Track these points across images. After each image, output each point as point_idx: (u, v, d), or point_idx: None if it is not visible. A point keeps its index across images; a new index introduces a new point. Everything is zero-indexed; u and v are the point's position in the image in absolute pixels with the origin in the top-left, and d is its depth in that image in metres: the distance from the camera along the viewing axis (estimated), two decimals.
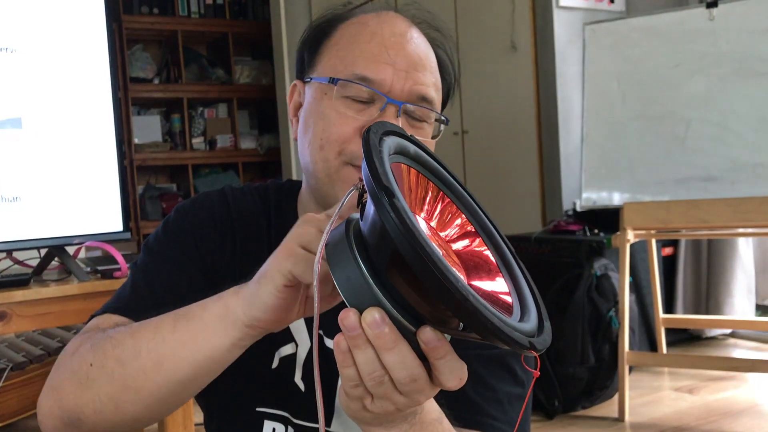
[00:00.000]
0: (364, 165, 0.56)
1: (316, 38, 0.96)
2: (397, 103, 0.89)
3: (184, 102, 5.54)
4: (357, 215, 0.63)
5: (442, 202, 0.68)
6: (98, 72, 1.97)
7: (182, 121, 5.61)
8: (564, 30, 3.81)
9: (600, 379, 2.93)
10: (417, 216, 0.62)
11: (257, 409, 0.94)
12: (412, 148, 0.66)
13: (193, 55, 5.78)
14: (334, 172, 0.90)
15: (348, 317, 0.58)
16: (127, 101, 5.33)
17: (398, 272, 0.58)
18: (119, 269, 1.87)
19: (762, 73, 2.88)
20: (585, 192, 3.21)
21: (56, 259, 1.95)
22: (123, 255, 1.97)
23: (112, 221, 1.98)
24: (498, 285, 0.65)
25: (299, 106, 0.97)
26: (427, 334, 0.57)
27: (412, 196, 0.64)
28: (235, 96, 5.73)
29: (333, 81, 0.90)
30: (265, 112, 5.93)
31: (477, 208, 0.70)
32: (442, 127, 0.97)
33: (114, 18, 5.19)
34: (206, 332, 0.72)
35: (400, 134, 0.65)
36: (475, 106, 4.21)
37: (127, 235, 1.99)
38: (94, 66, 1.96)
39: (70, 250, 1.97)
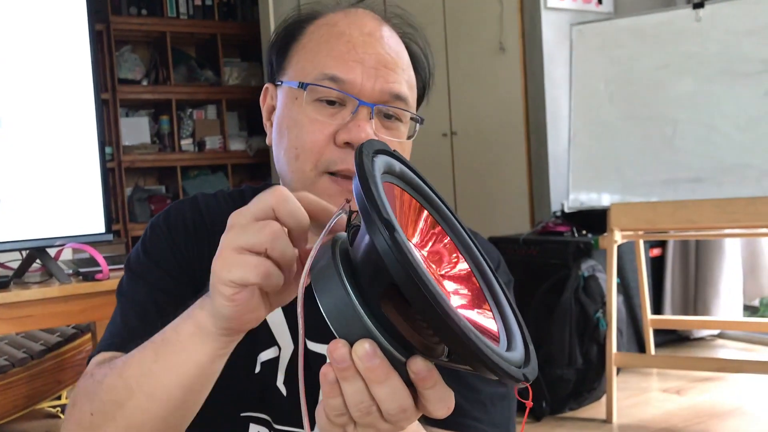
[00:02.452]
0: (357, 190, 0.54)
1: (285, 40, 0.94)
2: (369, 105, 0.87)
3: (172, 103, 5.51)
4: (343, 234, 0.61)
5: (429, 224, 0.67)
6: (81, 73, 1.96)
7: (171, 123, 5.58)
8: (552, 31, 3.81)
9: (588, 380, 2.93)
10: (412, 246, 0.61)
11: (242, 414, 0.93)
12: (398, 165, 0.64)
13: (182, 56, 5.75)
14: (310, 183, 0.88)
15: (337, 349, 0.55)
16: (115, 103, 5.30)
17: (390, 302, 0.56)
18: (101, 271, 1.85)
19: (749, 74, 2.88)
20: (572, 193, 3.21)
21: (38, 261, 1.93)
22: (109, 257, 1.95)
23: (95, 223, 1.97)
24: (485, 313, 0.64)
25: (272, 109, 0.96)
26: (418, 365, 0.56)
27: (403, 220, 0.63)
28: (224, 97, 5.70)
29: (302, 86, 0.88)
30: (255, 114, 5.90)
31: (460, 228, 0.69)
32: (418, 126, 0.95)
33: (102, 19, 5.17)
34: (186, 353, 0.70)
35: (387, 152, 0.64)
36: (463, 107, 4.21)
37: (110, 236, 1.97)
38: (77, 67, 1.95)
39: (53, 252, 1.95)
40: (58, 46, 1.92)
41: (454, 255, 0.67)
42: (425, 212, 0.66)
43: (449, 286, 0.64)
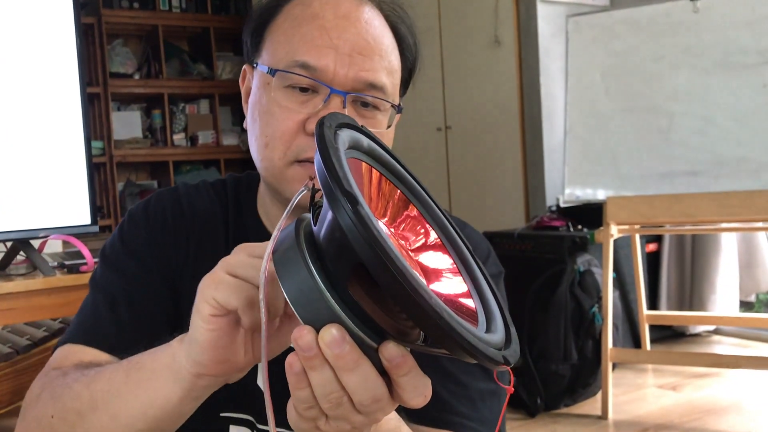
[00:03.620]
0: (318, 164, 0.50)
1: (261, 19, 0.90)
2: (341, 94, 0.83)
3: (165, 98, 5.47)
4: (307, 215, 0.58)
5: (402, 202, 0.63)
6: (67, 65, 1.93)
7: (163, 117, 5.54)
8: (548, 24, 3.78)
9: (583, 376, 2.90)
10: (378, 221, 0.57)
11: (221, 414, 0.90)
12: (366, 141, 0.61)
13: (174, 50, 5.70)
14: (279, 172, 0.85)
15: (303, 336, 0.51)
16: (106, 97, 5.25)
17: (358, 284, 0.52)
18: (86, 264, 1.81)
19: (746, 66, 2.85)
20: (568, 187, 3.18)
21: (21, 253, 1.89)
22: (97, 250, 1.92)
23: (81, 215, 1.93)
24: (460, 289, 0.60)
25: (250, 91, 0.93)
26: (391, 350, 0.52)
27: (373, 198, 0.60)
28: (217, 92, 5.66)
29: (272, 72, 0.85)
30: None
31: (432, 204, 0.65)
32: (397, 115, 0.90)
33: (93, 12, 5.12)
34: (156, 384, 0.67)
35: (353, 126, 0.60)
36: (458, 101, 4.18)
37: (95, 228, 1.93)
38: (63, 59, 1.92)
39: (37, 243, 1.92)
40: (45, 38, 1.89)
41: (428, 234, 0.63)
42: (395, 189, 0.63)
43: (423, 261, 0.60)
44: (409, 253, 0.60)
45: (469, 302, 0.59)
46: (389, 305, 0.54)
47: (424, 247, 0.62)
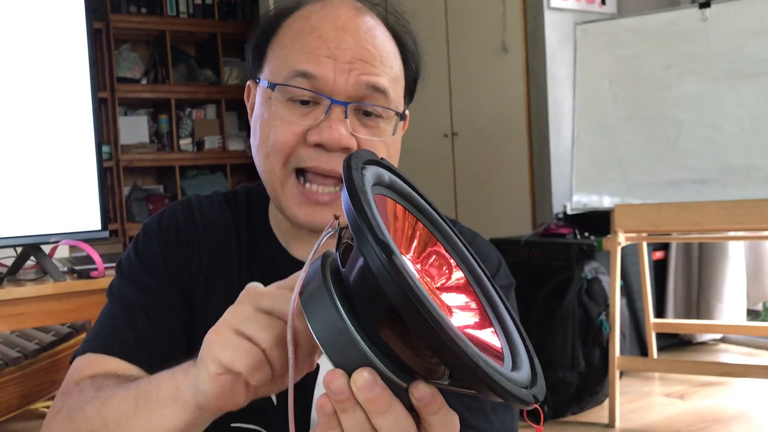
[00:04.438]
0: (349, 209, 0.50)
1: (263, 35, 0.91)
2: (342, 104, 0.83)
3: (171, 103, 5.47)
4: (332, 252, 0.58)
5: (425, 236, 0.63)
6: (78, 70, 1.93)
7: (170, 122, 5.55)
8: (555, 31, 3.78)
9: (590, 384, 2.90)
10: (405, 258, 0.57)
11: (232, 425, 0.90)
12: (387, 174, 0.61)
13: (182, 55, 5.72)
14: (279, 184, 0.86)
15: (335, 380, 0.52)
16: (114, 101, 5.26)
17: (387, 325, 0.52)
18: (96, 269, 1.82)
19: (755, 74, 2.85)
20: (576, 195, 3.17)
21: (32, 258, 1.90)
22: (106, 255, 1.92)
23: (91, 220, 1.94)
24: (487, 329, 0.61)
25: (254, 106, 0.93)
26: (422, 391, 0.52)
27: (397, 235, 0.60)
28: (224, 97, 5.67)
29: (272, 87, 0.85)
30: None
31: (455, 238, 0.65)
32: (400, 124, 0.90)
33: (101, 17, 5.14)
34: (161, 413, 0.68)
35: (375, 161, 0.60)
36: (465, 108, 4.18)
37: (106, 234, 1.94)
38: (74, 64, 1.93)
39: (47, 249, 1.92)
40: (56, 43, 1.90)
41: (452, 268, 0.64)
42: (419, 224, 0.63)
43: (447, 300, 0.60)
44: (435, 291, 0.60)
45: (494, 339, 0.60)
46: (416, 345, 0.54)
47: (449, 284, 0.63)
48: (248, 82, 0.95)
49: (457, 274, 0.64)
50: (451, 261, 0.64)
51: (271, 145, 0.85)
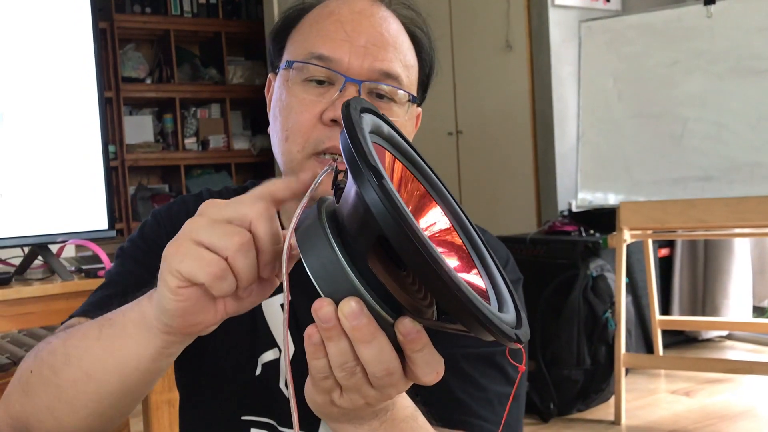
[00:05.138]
0: (344, 140, 0.51)
1: (283, 28, 0.93)
2: (356, 82, 0.84)
3: (176, 102, 5.48)
4: (329, 197, 0.59)
5: (416, 188, 0.64)
6: (84, 70, 1.94)
7: (174, 122, 5.56)
8: (559, 29, 3.78)
9: (596, 381, 2.90)
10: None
11: (243, 417, 0.91)
12: (386, 128, 0.62)
13: (186, 54, 5.73)
14: (297, 165, 0.86)
15: (323, 307, 0.53)
16: (118, 101, 5.28)
17: (378, 260, 0.54)
18: (104, 268, 1.82)
19: (760, 71, 2.85)
20: (581, 192, 3.17)
21: (40, 257, 1.90)
22: (112, 255, 1.92)
23: (98, 220, 1.94)
24: (473, 273, 0.62)
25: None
26: (407, 325, 0.54)
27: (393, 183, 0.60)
28: (228, 96, 5.68)
29: (290, 65, 0.87)
30: (258, 113, 5.88)
31: (447, 194, 0.66)
32: (412, 108, 0.91)
33: (106, 17, 5.15)
34: (128, 340, 0.66)
35: (375, 112, 0.61)
36: (469, 106, 4.18)
37: (112, 233, 1.94)
38: (80, 64, 1.93)
39: (55, 248, 1.93)
40: (62, 43, 1.90)
41: (444, 220, 0.65)
42: (419, 185, 0.64)
43: (437, 244, 0.61)
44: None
45: (479, 280, 0.61)
46: (406, 283, 0.56)
47: (437, 228, 0.64)
48: (269, 75, 0.96)
49: (450, 230, 0.65)
50: (443, 213, 0.65)
51: (290, 127, 0.86)
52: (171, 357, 0.68)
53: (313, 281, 0.54)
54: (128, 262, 0.92)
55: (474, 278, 0.61)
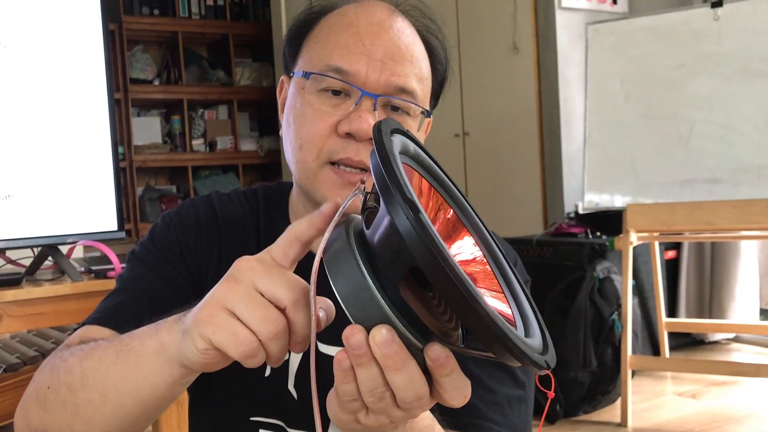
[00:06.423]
0: (378, 170, 0.52)
1: (299, 31, 0.93)
2: (371, 96, 0.85)
3: (184, 103, 5.51)
4: (356, 216, 0.60)
5: (446, 212, 0.65)
6: (94, 71, 1.95)
7: (182, 123, 5.58)
8: (566, 31, 3.78)
9: (602, 383, 2.90)
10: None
11: (251, 418, 0.92)
12: (412, 146, 0.63)
13: (194, 56, 5.75)
14: (312, 174, 0.87)
15: (354, 335, 0.53)
16: (127, 102, 5.30)
17: (407, 285, 0.54)
18: (113, 269, 1.84)
19: (767, 74, 2.84)
20: (587, 194, 3.18)
21: (50, 258, 1.92)
22: (121, 255, 1.94)
23: (107, 221, 1.95)
24: (500, 298, 0.63)
25: (286, 101, 0.95)
26: (436, 351, 0.54)
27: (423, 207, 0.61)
28: (236, 98, 5.70)
29: (306, 75, 0.87)
30: (266, 114, 5.91)
31: (473, 215, 0.68)
32: (425, 121, 0.92)
33: (114, 19, 5.17)
34: (145, 368, 0.67)
35: (402, 132, 0.62)
36: (476, 107, 4.18)
37: (122, 234, 1.95)
38: (90, 65, 1.94)
39: (64, 249, 1.94)
40: (72, 44, 1.91)
41: (471, 242, 0.66)
42: (442, 200, 0.65)
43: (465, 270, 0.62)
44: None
45: (506, 307, 0.61)
46: (432, 305, 0.56)
47: (466, 256, 0.64)
48: (282, 77, 0.97)
49: (476, 252, 0.65)
50: (469, 235, 0.66)
51: (304, 136, 0.87)
52: (185, 385, 0.68)
53: (342, 305, 0.54)
54: (139, 267, 0.93)
55: (500, 303, 0.61)
